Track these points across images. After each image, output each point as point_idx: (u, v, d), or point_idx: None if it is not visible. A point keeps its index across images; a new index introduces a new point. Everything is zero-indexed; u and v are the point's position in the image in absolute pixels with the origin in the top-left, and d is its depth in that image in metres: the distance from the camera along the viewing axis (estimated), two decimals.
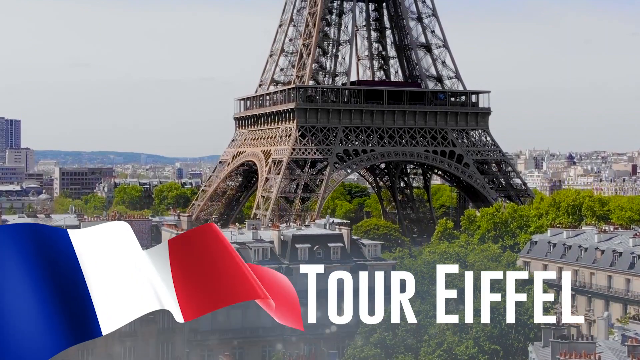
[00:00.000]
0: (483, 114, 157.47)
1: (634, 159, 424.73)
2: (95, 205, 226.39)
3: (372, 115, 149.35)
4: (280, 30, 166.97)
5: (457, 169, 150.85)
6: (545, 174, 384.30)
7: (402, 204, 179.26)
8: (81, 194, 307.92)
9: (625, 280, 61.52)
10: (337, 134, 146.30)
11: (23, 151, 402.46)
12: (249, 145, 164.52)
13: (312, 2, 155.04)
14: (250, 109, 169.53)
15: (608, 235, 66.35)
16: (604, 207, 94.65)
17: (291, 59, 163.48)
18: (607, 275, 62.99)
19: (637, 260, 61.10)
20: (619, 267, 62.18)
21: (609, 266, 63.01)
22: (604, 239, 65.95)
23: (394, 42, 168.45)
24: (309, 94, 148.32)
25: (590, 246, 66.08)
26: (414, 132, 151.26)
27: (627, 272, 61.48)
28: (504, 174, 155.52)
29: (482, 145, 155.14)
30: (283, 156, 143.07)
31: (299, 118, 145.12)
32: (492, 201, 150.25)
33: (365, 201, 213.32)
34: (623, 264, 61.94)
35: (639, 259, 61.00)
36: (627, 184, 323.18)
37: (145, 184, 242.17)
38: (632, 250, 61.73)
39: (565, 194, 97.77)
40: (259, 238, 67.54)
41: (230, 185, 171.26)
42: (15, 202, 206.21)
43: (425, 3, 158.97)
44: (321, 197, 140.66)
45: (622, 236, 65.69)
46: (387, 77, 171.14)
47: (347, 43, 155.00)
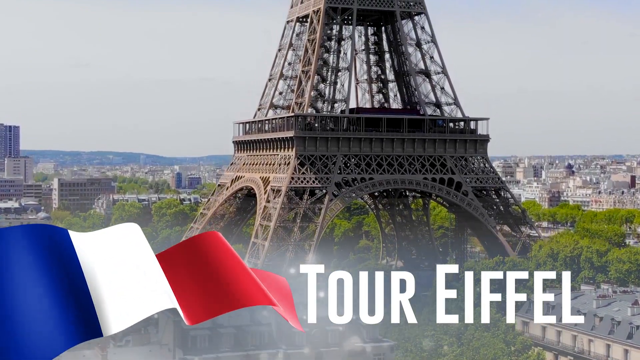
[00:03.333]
0: (482, 141, 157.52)
1: (633, 169, 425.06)
2: (94, 222, 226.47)
3: (371, 143, 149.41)
4: (280, 55, 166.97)
5: (456, 196, 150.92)
6: (544, 184, 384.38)
7: (400, 226, 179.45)
8: (80, 205, 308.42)
9: (624, 351, 61.67)
10: (335, 162, 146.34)
11: (22, 160, 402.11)
12: (247, 171, 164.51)
13: (312, 28, 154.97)
14: (249, 133, 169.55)
15: (607, 301, 66.47)
16: (602, 258, 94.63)
17: (290, 83, 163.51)
18: (605, 344, 63.10)
19: (635, 330, 61.19)
20: (618, 337, 62.28)
21: (607, 334, 63.14)
22: (602, 305, 66.07)
23: (392, 67, 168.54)
24: (308, 122, 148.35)
25: (588, 312, 66.19)
26: (413, 159, 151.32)
27: (626, 342, 61.59)
28: (503, 201, 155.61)
29: (481, 172, 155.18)
30: (282, 185, 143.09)
31: (298, 146, 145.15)
32: (491, 229, 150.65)
33: (364, 219, 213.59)
34: (621, 333, 62.05)
35: (637, 330, 61.10)
36: (625, 196, 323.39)
37: (144, 200, 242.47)
38: (630, 320, 61.88)
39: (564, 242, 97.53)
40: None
41: (229, 210, 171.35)
42: (14, 221, 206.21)
43: (425, 29, 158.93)
44: (320, 226, 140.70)
45: (621, 302, 65.79)
46: (386, 100, 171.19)
47: (346, 70, 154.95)
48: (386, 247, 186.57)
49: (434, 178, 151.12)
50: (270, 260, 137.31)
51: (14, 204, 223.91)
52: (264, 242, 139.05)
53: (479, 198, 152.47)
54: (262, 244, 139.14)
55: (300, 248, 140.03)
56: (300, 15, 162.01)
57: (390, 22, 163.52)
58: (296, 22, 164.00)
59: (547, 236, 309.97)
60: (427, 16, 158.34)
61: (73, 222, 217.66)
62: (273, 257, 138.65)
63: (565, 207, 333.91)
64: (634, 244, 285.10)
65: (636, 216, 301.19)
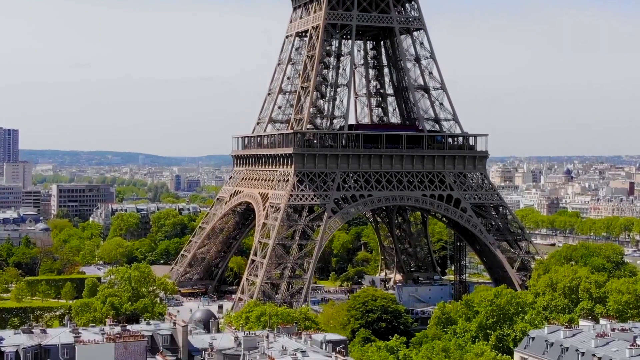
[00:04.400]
0: (480, 157, 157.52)
1: (632, 175, 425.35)
2: (92, 232, 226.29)
3: (369, 159, 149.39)
4: (279, 69, 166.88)
5: (455, 213, 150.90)
6: (542, 190, 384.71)
7: (399, 239, 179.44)
8: (79, 211, 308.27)
9: None
10: (334, 179, 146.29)
11: (21, 165, 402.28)
12: (246, 185, 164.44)
13: (311, 44, 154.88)
14: (248, 147, 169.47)
15: (605, 340, 66.50)
16: (601, 289, 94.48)
17: (289, 97, 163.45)
18: None
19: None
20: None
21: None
22: (600, 344, 66.12)
23: (391, 82, 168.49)
24: (307, 138, 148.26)
25: (587, 351, 66.26)
26: (412, 176, 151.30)
27: None
28: (502, 218, 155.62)
29: (480, 188, 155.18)
30: (280, 202, 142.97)
31: (297, 164, 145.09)
32: (490, 246, 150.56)
33: (362, 230, 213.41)
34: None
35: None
36: (624, 204, 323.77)
37: (142, 210, 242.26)
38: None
39: (563, 272, 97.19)
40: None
41: (227, 224, 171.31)
42: (12, 232, 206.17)
43: (423, 45, 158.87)
44: (318, 244, 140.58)
45: (619, 342, 65.81)
46: (385, 114, 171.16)
47: (345, 86, 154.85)
48: (385, 260, 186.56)
49: (433, 195, 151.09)
50: (269, 279, 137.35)
51: (12, 213, 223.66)
52: (262, 259, 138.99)
53: (477, 214, 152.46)
54: (261, 262, 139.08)
55: (298, 266, 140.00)
56: (300, 30, 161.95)
57: (389, 37, 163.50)
58: (295, 36, 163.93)
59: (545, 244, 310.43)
60: (426, 32, 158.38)
61: (72, 232, 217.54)
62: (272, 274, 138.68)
63: (564, 214, 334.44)
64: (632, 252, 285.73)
65: (635, 224, 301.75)
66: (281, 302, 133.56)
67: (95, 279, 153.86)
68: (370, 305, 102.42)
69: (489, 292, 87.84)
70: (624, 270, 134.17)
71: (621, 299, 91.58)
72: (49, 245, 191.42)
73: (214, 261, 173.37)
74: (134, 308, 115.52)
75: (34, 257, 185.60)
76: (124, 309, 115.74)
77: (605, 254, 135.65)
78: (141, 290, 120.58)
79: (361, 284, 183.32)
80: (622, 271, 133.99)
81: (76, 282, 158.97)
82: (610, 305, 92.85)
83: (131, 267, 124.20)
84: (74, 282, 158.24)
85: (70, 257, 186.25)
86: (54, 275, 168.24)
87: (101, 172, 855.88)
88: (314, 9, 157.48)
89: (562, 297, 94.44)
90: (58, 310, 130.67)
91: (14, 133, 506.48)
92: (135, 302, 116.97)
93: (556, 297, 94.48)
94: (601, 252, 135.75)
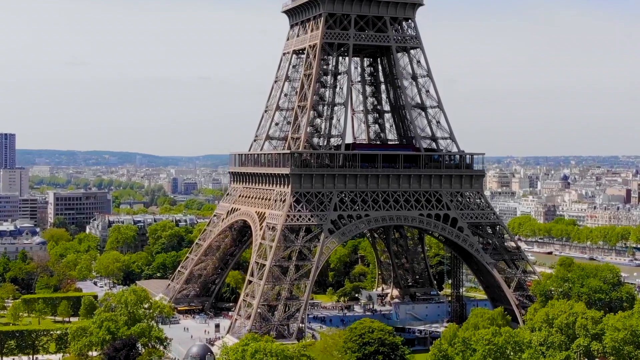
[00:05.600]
0: (477, 176, 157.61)
1: (628, 182, 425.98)
2: (89, 245, 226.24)
3: (366, 179, 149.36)
4: (276, 87, 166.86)
5: (452, 232, 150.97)
6: (539, 197, 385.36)
7: (396, 254, 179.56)
8: (75, 219, 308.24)
9: None
10: (331, 199, 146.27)
11: (17, 171, 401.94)
12: (243, 203, 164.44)
13: (308, 63, 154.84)
14: (245, 164, 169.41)
15: None
16: (597, 325, 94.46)
17: (286, 114, 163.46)
18: None
19: None
20: None
21: None
22: None
23: (388, 99, 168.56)
24: (304, 158, 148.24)
25: None
26: (409, 195, 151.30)
27: None
28: (498, 237, 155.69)
29: (477, 207, 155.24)
30: (277, 222, 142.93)
31: (294, 184, 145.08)
32: (487, 266, 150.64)
33: (359, 243, 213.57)
34: None
35: None
36: (621, 212, 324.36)
37: (139, 222, 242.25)
38: None
39: (560, 308, 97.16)
40: None
41: (224, 241, 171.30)
42: (9, 246, 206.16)
43: (420, 63, 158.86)
44: (315, 265, 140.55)
45: None
46: (382, 130, 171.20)
47: (342, 105, 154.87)
48: (382, 275, 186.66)
49: (430, 214, 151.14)
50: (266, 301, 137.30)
51: (9, 226, 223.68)
52: (259, 280, 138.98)
53: (474, 233, 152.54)
54: (258, 283, 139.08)
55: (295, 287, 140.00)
56: (297, 48, 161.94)
57: (386, 55, 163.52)
58: (292, 54, 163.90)
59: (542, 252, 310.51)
60: (423, 50, 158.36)
61: (68, 246, 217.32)
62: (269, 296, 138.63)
63: (560, 222, 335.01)
64: (629, 262, 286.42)
65: (631, 233, 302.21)
66: (277, 324, 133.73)
67: (92, 297, 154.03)
68: (367, 338, 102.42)
69: (486, 330, 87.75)
70: (621, 292, 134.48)
71: (617, 336, 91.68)
72: (46, 260, 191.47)
73: (211, 278, 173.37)
74: (130, 332, 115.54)
75: (31, 272, 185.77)
76: (121, 333, 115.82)
77: (602, 275, 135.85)
78: (137, 314, 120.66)
79: (358, 299, 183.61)
80: (619, 292, 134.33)
81: (73, 300, 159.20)
82: (607, 343, 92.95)
83: (128, 289, 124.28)
84: (71, 300, 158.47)
85: (66, 272, 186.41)
86: (51, 292, 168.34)
87: (98, 173, 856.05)
88: (311, 27, 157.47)
89: (558, 333, 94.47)
90: (55, 332, 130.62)
91: (10, 137, 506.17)
92: (132, 326, 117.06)
93: (553, 333, 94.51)
94: (598, 274, 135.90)
